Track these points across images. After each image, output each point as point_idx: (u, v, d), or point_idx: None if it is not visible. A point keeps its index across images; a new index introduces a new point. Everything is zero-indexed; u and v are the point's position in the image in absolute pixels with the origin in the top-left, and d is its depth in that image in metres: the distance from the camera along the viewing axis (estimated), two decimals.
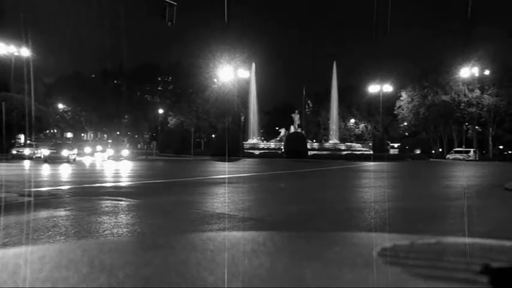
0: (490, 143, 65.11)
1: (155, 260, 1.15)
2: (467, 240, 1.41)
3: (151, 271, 1.02)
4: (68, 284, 0.92)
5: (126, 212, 10.19)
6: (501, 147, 70.88)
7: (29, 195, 12.32)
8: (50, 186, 15.67)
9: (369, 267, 1.03)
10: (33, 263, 1.06)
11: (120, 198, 12.75)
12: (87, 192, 14.27)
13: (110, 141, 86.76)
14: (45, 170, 25.83)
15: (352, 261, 1.14)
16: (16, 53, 42.30)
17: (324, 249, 1.36)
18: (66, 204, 10.99)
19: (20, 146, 40.21)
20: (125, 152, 40.27)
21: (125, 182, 18.29)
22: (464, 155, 56.52)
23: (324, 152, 53.38)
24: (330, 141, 64.40)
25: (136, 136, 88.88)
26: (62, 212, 9.60)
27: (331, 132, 68.65)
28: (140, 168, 30.97)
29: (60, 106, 79.59)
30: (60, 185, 16.35)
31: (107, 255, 1.25)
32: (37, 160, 35.70)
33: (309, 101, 79.42)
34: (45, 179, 19.84)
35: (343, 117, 75.28)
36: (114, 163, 34.21)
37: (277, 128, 67.91)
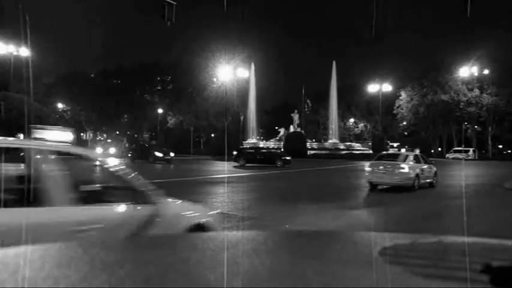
0: (490, 142, 65.09)
1: (156, 258, 1.15)
2: (467, 239, 1.41)
3: (152, 270, 1.02)
4: (69, 283, 0.92)
5: None
6: (500, 146, 70.91)
7: None
8: None
9: (370, 266, 1.03)
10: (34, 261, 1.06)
11: None
12: None
13: (109, 140, 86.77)
14: None
15: (353, 260, 1.14)
16: (15, 53, 42.24)
17: (325, 248, 1.36)
18: None
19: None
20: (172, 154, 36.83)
21: None
22: (464, 154, 56.50)
23: (324, 152, 53.35)
24: (330, 141, 64.33)
25: (135, 135, 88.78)
26: None
27: (330, 132, 68.54)
28: (139, 167, 30.95)
29: (60, 105, 79.43)
30: None
31: (108, 253, 1.25)
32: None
33: (308, 101, 79.25)
34: None
35: (343, 116, 75.15)
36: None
37: (276, 128, 67.78)
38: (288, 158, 32.30)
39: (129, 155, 37.00)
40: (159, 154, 34.73)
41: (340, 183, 19.86)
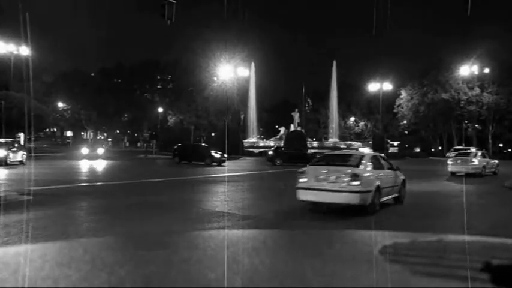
0: (490, 141, 64.97)
1: (157, 258, 1.15)
2: (468, 237, 1.41)
3: (153, 269, 1.01)
4: (69, 282, 0.92)
5: (128, 210, 10.18)
6: (501, 145, 70.81)
7: None
8: None
9: (370, 264, 1.03)
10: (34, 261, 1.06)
11: (121, 196, 12.75)
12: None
13: (109, 139, 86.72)
14: None
15: (353, 258, 1.14)
16: (15, 52, 42.19)
17: (325, 247, 1.36)
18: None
19: None
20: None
21: (125, 180, 18.26)
22: None
23: (324, 151, 53.24)
24: (330, 140, 64.26)
25: (136, 135, 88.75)
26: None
27: (330, 131, 68.48)
28: (140, 167, 30.98)
29: (60, 105, 79.40)
30: None
31: (108, 253, 1.25)
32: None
33: (308, 100, 79.16)
34: None
35: (343, 115, 75.04)
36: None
37: (276, 127, 67.74)
38: None
39: (175, 155, 33.13)
40: (216, 155, 31.40)
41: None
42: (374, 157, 11.77)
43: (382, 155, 13.39)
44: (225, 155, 32.27)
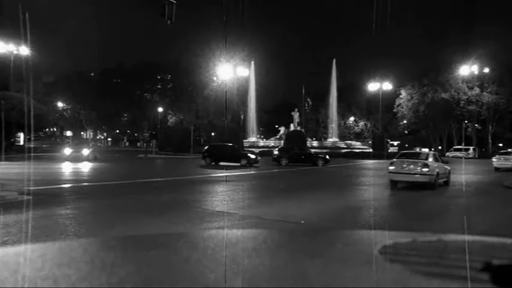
0: (490, 140, 65.04)
1: (156, 258, 1.15)
2: (468, 237, 1.41)
3: (153, 270, 1.02)
4: (69, 282, 0.92)
5: (128, 211, 10.18)
6: (501, 144, 70.86)
7: None
8: None
9: (370, 264, 1.03)
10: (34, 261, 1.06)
11: (121, 196, 12.75)
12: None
13: (109, 139, 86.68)
14: None
15: (354, 258, 1.14)
16: (15, 52, 42.20)
17: (325, 247, 1.36)
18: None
19: None
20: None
21: (125, 180, 18.23)
22: (464, 152, 56.55)
23: (324, 150, 53.30)
24: (330, 139, 64.29)
25: (135, 134, 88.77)
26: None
27: (330, 130, 68.50)
28: (140, 167, 30.97)
29: (60, 104, 79.43)
30: None
31: (108, 253, 1.25)
32: None
33: (308, 99, 79.18)
34: None
35: (343, 115, 75.08)
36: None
37: (276, 126, 67.75)
38: (327, 157, 33.71)
39: (205, 156, 31.37)
40: (252, 156, 30.44)
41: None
42: (434, 154, 17.98)
43: (437, 153, 19.88)
44: (259, 157, 31.92)
